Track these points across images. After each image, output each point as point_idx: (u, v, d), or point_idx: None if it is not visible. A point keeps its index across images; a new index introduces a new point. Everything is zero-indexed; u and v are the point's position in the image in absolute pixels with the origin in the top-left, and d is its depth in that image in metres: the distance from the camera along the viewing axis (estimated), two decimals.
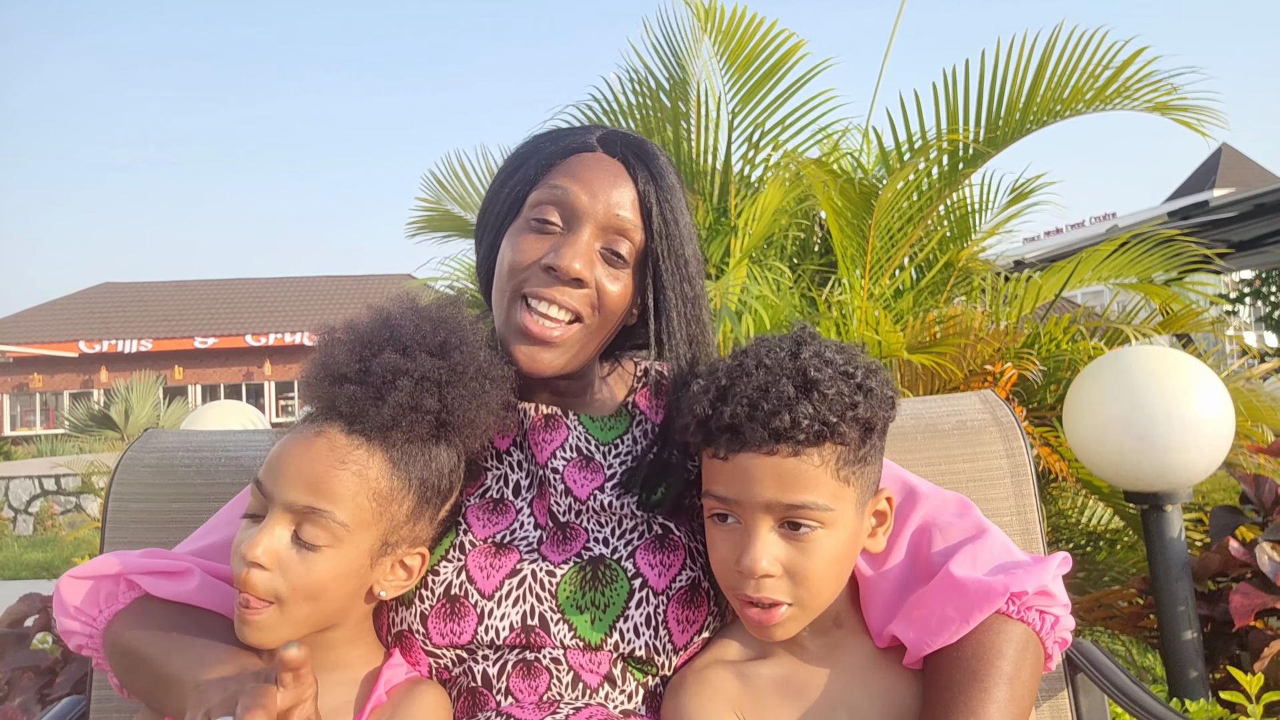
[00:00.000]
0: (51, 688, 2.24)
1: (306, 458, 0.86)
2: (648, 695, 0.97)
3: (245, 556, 0.83)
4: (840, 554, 0.87)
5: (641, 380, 1.15)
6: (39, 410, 25.86)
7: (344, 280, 28.54)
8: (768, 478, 0.84)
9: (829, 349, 0.89)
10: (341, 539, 0.85)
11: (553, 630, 0.95)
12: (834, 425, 0.84)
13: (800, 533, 0.85)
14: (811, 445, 0.84)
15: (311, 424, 0.89)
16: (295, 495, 0.84)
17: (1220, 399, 2.05)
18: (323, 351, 0.91)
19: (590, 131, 1.06)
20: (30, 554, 8.03)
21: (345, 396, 0.87)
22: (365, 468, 0.87)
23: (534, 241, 0.99)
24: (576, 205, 0.99)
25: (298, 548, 0.85)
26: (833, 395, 0.84)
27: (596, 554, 0.99)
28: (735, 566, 0.86)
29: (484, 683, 0.94)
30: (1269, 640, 1.99)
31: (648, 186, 1.01)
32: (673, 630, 0.96)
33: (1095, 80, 2.87)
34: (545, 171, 1.02)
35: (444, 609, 0.95)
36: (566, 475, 1.03)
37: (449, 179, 4.27)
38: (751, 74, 3.45)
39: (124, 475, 1.36)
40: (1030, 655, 0.88)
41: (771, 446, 0.83)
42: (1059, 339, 2.89)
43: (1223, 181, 23.58)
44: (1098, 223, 16.74)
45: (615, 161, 1.02)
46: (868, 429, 0.87)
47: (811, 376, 0.85)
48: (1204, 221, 6.70)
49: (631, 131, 1.09)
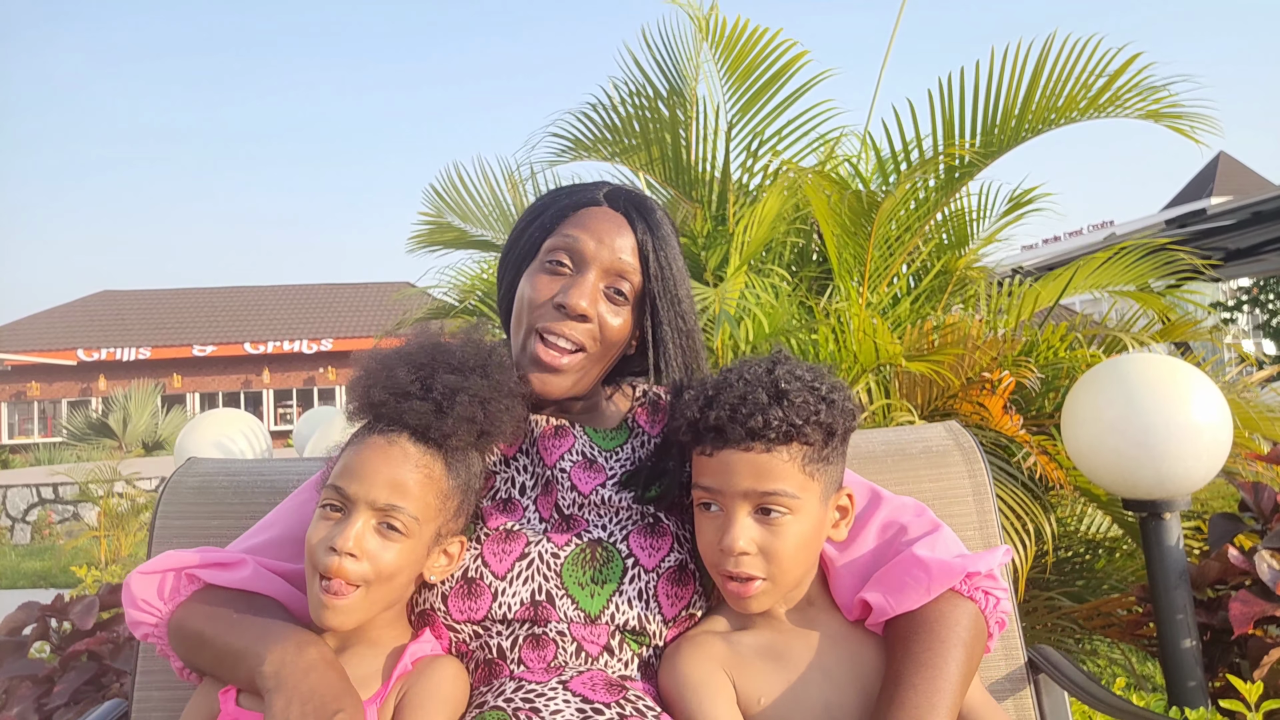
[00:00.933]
0: (49, 697, 2.23)
1: (386, 463, 1.02)
2: (642, 664, 1.11)
3: (337, 547, 0.98)
4: (806, 538, 1.04)
5: (640, 400, 1.30)
6: (37, 418, 25.83)
7: (342, 289, 28.57)
8: (745, 470, 1.02)
9: (800, 368, 1.08)
10: (412, 531, 1.02)
11: (557, 604, 1.08)
12: (799, 427, 1.01)
13: (772, 517, 1.02)
14: (781, 443, 1.02)
15: (381, 434, 1.05)
16: (377, 494, 1.01)
17: (1218, 407, 2.06)
18: (384, 372, 1.07)
19: (599, 188, 1.24)
20: (27, 563, 8.01)
21: (413, 411, 1.03)
22: (432, 471, 1.04)
23: (547, 282, 1.17)
24: (585, 251, 1.16)
25: (379, 538, 1.01)
26: (799, 403, 1.02)
27: (595, 536, 1.13)
28: (718, 546, 1.03)
29: (499, 655, 1.08)
30: (1268, 648, 1.99)
31: (645, 236, 1.19)
32: (662, 604, 1.10)
33: (1089, 89, 2.87)
34: (559, 222, 1.20)
35: (462, 589, 1.10)
36: (573, 475, 1.17)
37: (448, 191, 4.27)
38: (751, 84, 3.45)
39: (169, 496, 1.52)
40: (978, 628, 1.06)
41: (748, 444, 1.02)
42: (1057, 346, 2.90)
43: (1220, 189, 23.64)
44: (1095, 231, 16.79)
45: (618, 214, 1.20)
46: (829, 433, 1.04)
47: (782, 388, 1.03)
48: (1201, 229, 6.72)
49: (634, 188, 1.27)
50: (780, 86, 3.44)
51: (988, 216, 3.34)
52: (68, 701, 2.22)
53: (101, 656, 2.36)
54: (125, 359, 24.79)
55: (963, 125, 3.06)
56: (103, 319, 26.46)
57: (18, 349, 24.17)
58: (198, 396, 25.82)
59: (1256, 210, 6.16)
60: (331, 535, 1.00)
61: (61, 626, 2.53)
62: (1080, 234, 16.66)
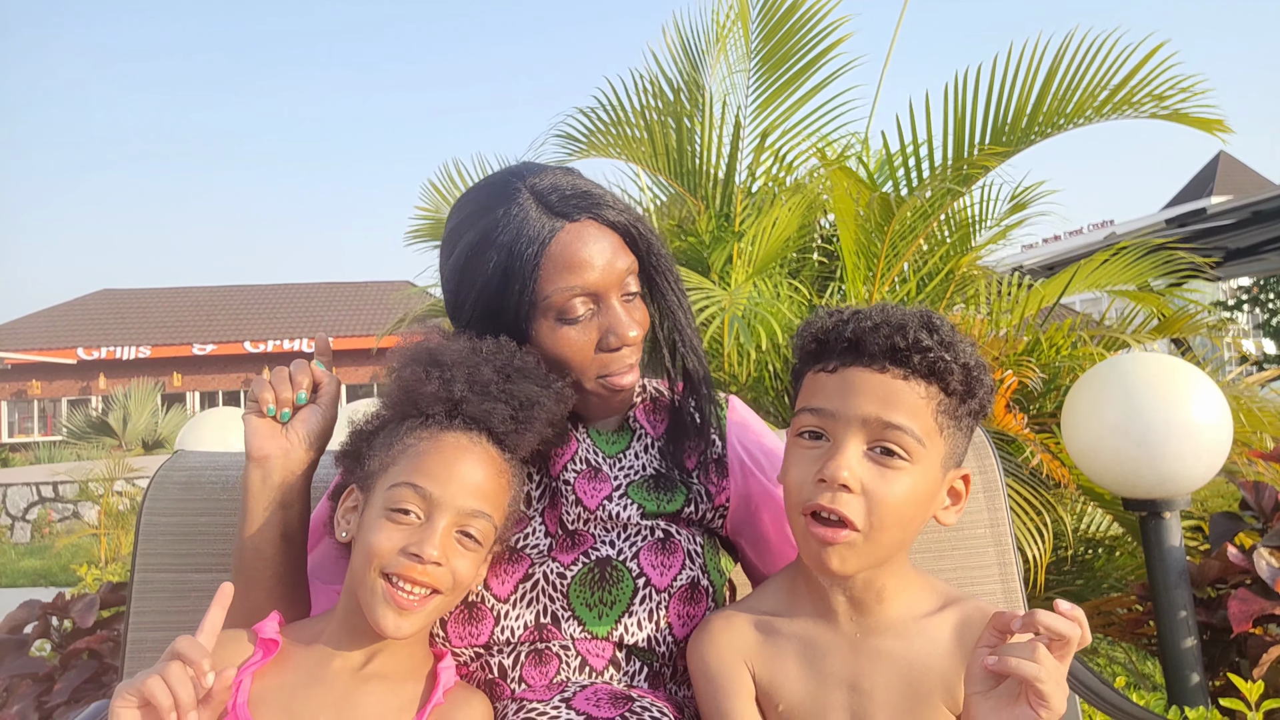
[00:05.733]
0: (50, 695, 2.23)
1: (474, 468, 0.95)
2: (651, 675, 1.05)
3: (423, 555, 0.90)
4: (916, 497, 0.88)
5: (640, 396, 1.23)
6: (37, 417, 25.80)
7: (343, 287, 28.52)
8: (874, 393, 0.88)
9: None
10: (487, 540, 0.96)
11: (563, 626, 1.04)
12: (947, 364, 0.88)
13: (889, 460, 0.87)
14: (921, 377, 0.88)
15: (462, 432, 0.97)
16: (465, 501, 0.93)
17: (1218, 406, 2.06)
18: (465, 368, 0.98)
19: (519, 200, 1.05)
20: (27, 561, 8.01)
21: (498, 415, 0.97)
22: (509, 480, 1.00)
23: (579, 333, 1.06)
24: (596, 289, 1.05)
25: (459, 545, 0.94)
26: (951, 341, 0.90)
27: (604, 555, 1.07)
28: (817, 475, 0.88)
29: (500, 674, 1.04)
30: (1268, 647, 1.99)
31: (619, 218, 1.08)
32: (674, 625, 1.05)
33: (1102, 89, 2.85)
34: (537, 273, 1.03)
35: (462, 614, 1.05)
36: (577, 486, 1.11)
37: (446, 187, 4.27)
38: (787, 68, 3.39)
39: (155, 492, 1.45)
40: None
41: (884, 364, 0.88)
42: (1060, 345, 2.90)
43: (1220, 188, 23.61)
44: (1095, 230, 16.77)
45: (586, 224, 1.05)
46: (970, 390, 0.91)
47: (935, 323, 0.91)
48: (1201, 229, 6.72)
49: (554, 176, 1.09)
50: (820, 67, 3.37)
51: (991, 215, 3.33)
52: (68, 700, 2.22)
53: (102, 655, 2.36)
54: (125, 358, 24.75)
55: (974, 126, 3.03)
56: (103, 318, 26.43)
57: (18, 348, 24.15)
58: (198, 395, 25.78)
59: (1256, 210, 6.15)
60: (412, 542, 0.91)
61: (62, 625, 2.53)
62: (1080, 233, 16.64)
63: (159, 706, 0.78)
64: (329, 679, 0.94)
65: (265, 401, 1.04)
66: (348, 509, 1.00)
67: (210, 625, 0.87)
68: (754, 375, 2.99)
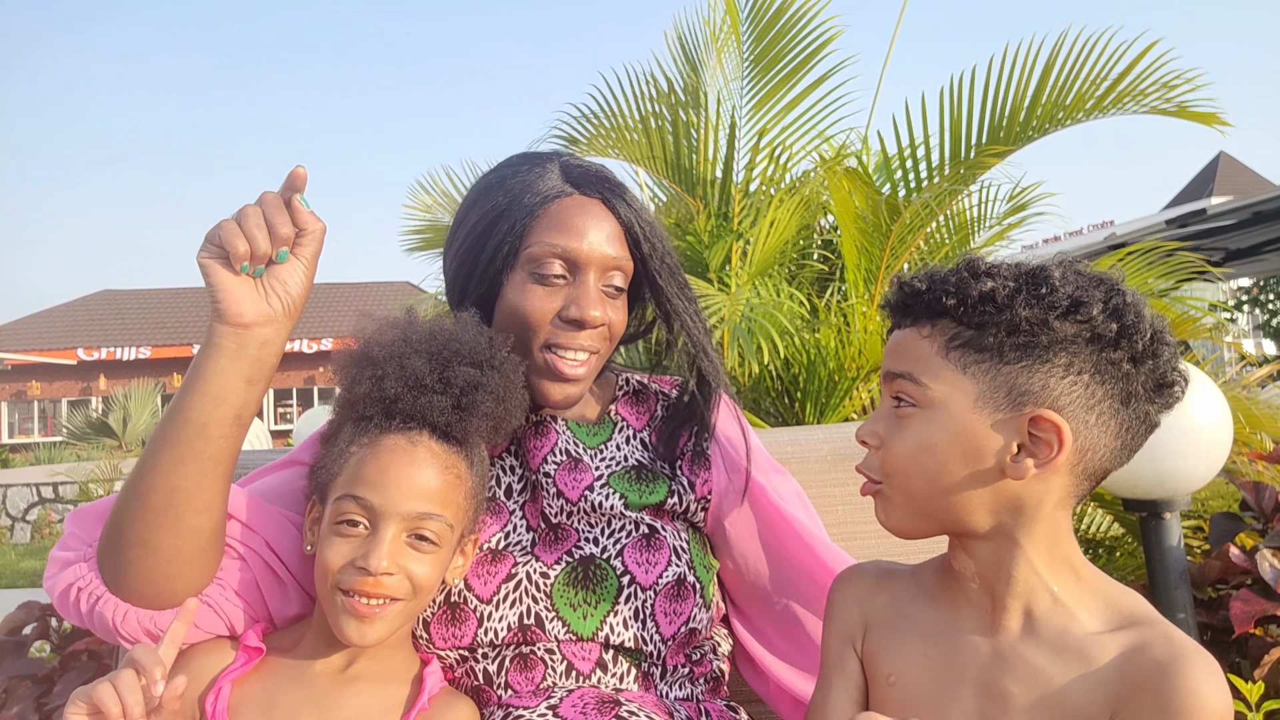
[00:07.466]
0: (49, 696, 2.23)
1: (415, 469, 0.92)
2: (640, 675, 1.04)
3: (371, 568, 0.88)
4: (931, 443, 0.81)
5: (622, 389, 1.23)
6: (37, 418, 25.81)
7: (342, 288, 28.53)
8: (888, 350, 0.88)
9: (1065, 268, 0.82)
10: (445, 539, 0.93)
11: (547, 627, 1.02)
12: (942, 301, 0.81)
13: (900, 408, 0.84)
14: (926, 320, 0.84)
15: (399, 433, 0.93)
16: (410, 505, 0.90)
17: (1218, 406, 2.05)
18: (395, 363, 0.94)
19: (552, 169, 1.10)
20: (27, 562, 8.01)
21: (435, 408, 0.93)
22: (461, 472, 0.95)
23: (544, 294, 1.06)
24: (577, 257, 1.06)
25: (412, 549, 0.91)
26: (945, 277, 0.83)
27: (587, 553, 1.06)
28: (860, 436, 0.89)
29: (485, 680, 1.02)
30: (1269, 647, 1.99)
31: (629, 215, 1.10)
32: (660, 622, 1.04)
33: (1099, 85, 2.85)
34: (530, 221, 1.07)
35: (445, 615, 1.03)
36: (558, 479, 1.09)
37: (437, 191, 4.28)
38: (781, 68, 3.40)
39: None
40: None
41: (899, 320, 0.87)
42: None
43: (1220, 189, 23.62)
44: (1095, 230, 16.77)
45: (594, 201, 1.09)
46: (995, 321, 0.79)
47: (952, 269, 0.84)
48: (1202, 229, 6.72)
49: (586, 161, 1.15)
50: (811, 67, 3.39)
51: (990, 216, 3.33)
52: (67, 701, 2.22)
53: (102, 656, 2.36)
54: (125, 358, 24.76)
55: (970, 125, 3.03)
56: (103, 318, 26.44)
57: (18, 348, 24.15)
58: None
59: (1257, 210, 6.15)
60: (359, 555, 0.89)
61: (62, 626, 2.53)
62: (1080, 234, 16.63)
63: (107, 714, 0.78)
64: (310, 681, 0.94)
65: (240, 257, 0.86)
66: (312, 520, 0.98)
67: (171, 636, 0.86)
68: (755, 375, 2.98)
